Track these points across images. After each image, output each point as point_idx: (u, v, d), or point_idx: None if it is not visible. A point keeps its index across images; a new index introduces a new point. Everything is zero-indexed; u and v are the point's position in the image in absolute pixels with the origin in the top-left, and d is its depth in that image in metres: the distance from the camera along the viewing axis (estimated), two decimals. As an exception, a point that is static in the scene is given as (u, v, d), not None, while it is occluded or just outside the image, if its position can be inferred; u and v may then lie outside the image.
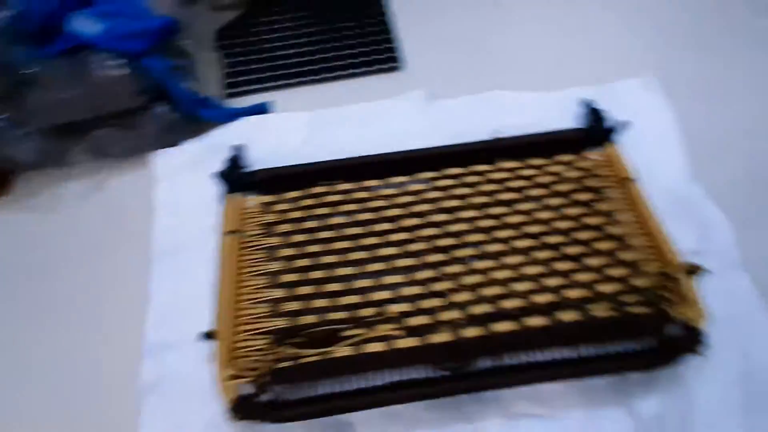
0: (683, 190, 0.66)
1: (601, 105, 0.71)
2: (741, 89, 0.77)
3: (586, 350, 0.52)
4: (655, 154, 0.68)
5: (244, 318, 0.54)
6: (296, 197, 0.63)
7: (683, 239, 0.62)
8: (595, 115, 0.69)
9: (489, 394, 0.54)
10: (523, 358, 0.52)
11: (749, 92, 0.76)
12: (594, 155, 0.66)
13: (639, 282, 0.53)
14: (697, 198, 0.65)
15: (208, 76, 0.77)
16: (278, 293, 0.55)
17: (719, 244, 0.62)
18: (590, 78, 0.76)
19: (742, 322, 0.57)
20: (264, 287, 0.56)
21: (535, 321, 0.51)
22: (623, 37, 0.84)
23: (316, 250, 0.58)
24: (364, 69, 0.81)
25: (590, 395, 0.54)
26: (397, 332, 0.51)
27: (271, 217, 0.62)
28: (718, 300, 0.59)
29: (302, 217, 0.62)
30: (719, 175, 0.68)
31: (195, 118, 0.71)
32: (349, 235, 0.60)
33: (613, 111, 0.70)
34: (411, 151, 0.66)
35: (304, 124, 0.75)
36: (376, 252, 0.58)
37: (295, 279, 0.56)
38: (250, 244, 0.60)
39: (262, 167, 0.68)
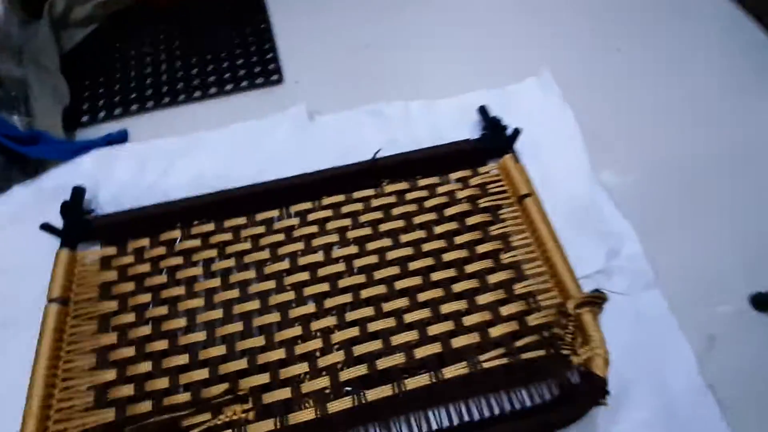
0: (587, 198, 0.59)
1: (499, 110, 0.64)
2: (635, 82, 0.71)
3: (480, 409, 0.45)
4: (557, 161, 0.61)
5: (61, 412, 0.43)
6: (141, 247, 0.53)
7: (591, 257, 0.56)
8: (491, 123, 0.62)
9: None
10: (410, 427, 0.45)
11: (643, 85, 0.71)
12: (491, 168, 0.59)
13: (534, 320, 0.46)
14: (603, 206, 0.59)
15: (49, 106, 0.65)
16: (108, 375, 0.45)
17: (629, 260, 0.55)
18: (488, 82, 0.69)
19: (656, 349, 0.51)
20: (91, 369, 0.45)
21: (417, 381, 0.43)
22: (520, 37, 0.77)
23: (161, 313, 0.48)
24: (241, 84, 0.71)
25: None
26: (249, 414, 0.41)
27: (110, 276, 0.51)
28: (629, 325, 0.52)
29: (148, 272, 0.51)
30: (620, 177, 0.62)
31: (25, 158, 0.59)
32: (202, 291, 0.50)
33: (512, 116, 0.63)
34: (283, 180, 0.56)
35: (165, 153, 0.63)
36: (233, 309, 0.48)
37: (130, 354, 0.46)
38: (80, 313, 0.49)
39: (111, 211, 0.58)
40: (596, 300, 0.46)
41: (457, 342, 0.45)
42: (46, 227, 0.53)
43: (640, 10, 0.80)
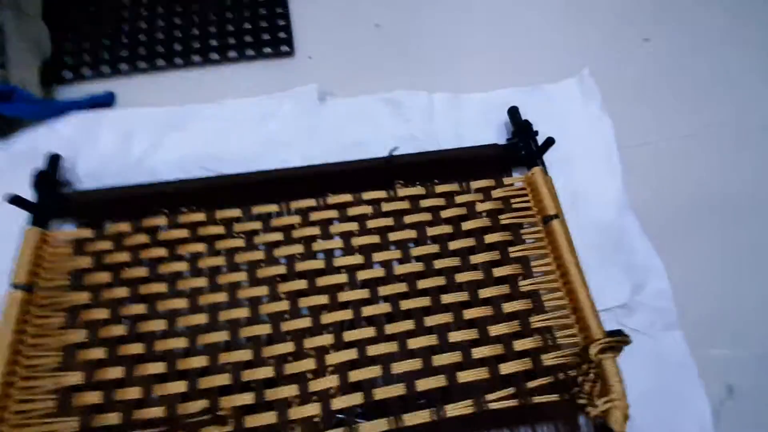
0: (617, 225, 0.54)
1: (530, 112, 0.57)
2: (682, 95, 0.65)
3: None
4: (588, 179, 0.56)
5: (18, 416, 0.38)
6: (121, 232, 0.47)
7: (614, 290, 0.52)
8: (521, 128, 0.56)
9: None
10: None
11: (691, 98, 0.65)
12: (516, 180, 0.53)
13: (550, 359, 0.42)
14: (634, 235, 0.54)
15: (27, 57, 0.57)
16: (74, 378, 0.40)
17: (653, 297, 0.51)
18: (518, 76, 0.63)
19: (672, 395, 0.47)
20: (56, 369, 0.41)
21: (416, 417, 0.39)
22: (559, 32, 0.70)
23: (138, 312, 0.43)
24: (247, 53, 0.63)
25: None
26: (228, 439, 0.37)
27: (83, 262, 0.46)
28: (646, 367, 0.48)
29: (127, 263, 0.46)
30: (650, 200, 0.56)
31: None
32: (186, 290, 0.44)
33: (544, 120, 0.56)
34: (286, 170, 0.51)
35: (155, 124, 0.57)
36: (219, 315, 0.43)
37: (100, 356, 0.41)
38: (47, 303, 0.43)
39: (90, 185, 0.52)
40: (619, 344, 0.42)
41: (464, 376, 0.41)
42: (15, 200, 0.47)
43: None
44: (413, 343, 0.42)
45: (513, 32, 0.69)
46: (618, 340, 0.41)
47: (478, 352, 0.42)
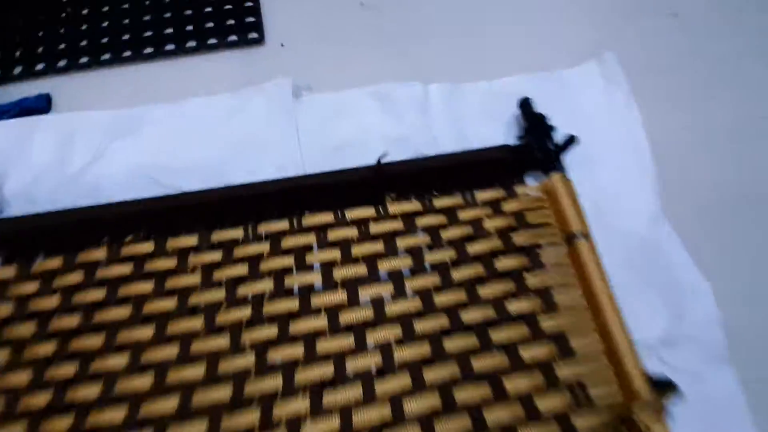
0: (651, 236, 0.46)
1: (545, 103, 0.48)
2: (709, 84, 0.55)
3: None
4: (615, 182, 0.47)
5: None
6: (51, 270, 0.39)
7: (650, 318, 0.43)
8: (535, 123, 0.47)
9: None
10: None
11: (722, 87, 0.55)
12: (531, 189, 0.44)
13: (582, 420, 0.34)
14: (671, 249, 0.46)
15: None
16: (-16, 464, 0.32)
17: (699, 326, 0.43)
18: (532, 64, 0.53)
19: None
20: (-38, 452, 0.33)
21: (416, 505, 0.31)
22: (576, 7, 0.60)
23: (67, 374, 0.35)
24: (208, 41, 0.54)
25: None
26: None
27: (4, 311, 0.37)
28: (690, 412, 0.41)
29: (57, 309, 0.37)
30: (686, 206, 0.47)
31: None
32: (131, 344, 0.36)
33: (560, 112, 0.47)
34: (252, 185, 0.42)
35: (98, 131, 0.48)
36: (167, 376, 0.35)
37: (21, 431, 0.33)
38: (-44, 364, 0.35)
39: (21, 206, 0.43)
40: (665, 394, 0.34)
41: (475, 447, 0.33)
42: None
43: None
44: (410, 406, 0.34)
45: (521, 7, 0.60)
46: (667, 396, 0.33)
47: (491, 416, 0.34)
